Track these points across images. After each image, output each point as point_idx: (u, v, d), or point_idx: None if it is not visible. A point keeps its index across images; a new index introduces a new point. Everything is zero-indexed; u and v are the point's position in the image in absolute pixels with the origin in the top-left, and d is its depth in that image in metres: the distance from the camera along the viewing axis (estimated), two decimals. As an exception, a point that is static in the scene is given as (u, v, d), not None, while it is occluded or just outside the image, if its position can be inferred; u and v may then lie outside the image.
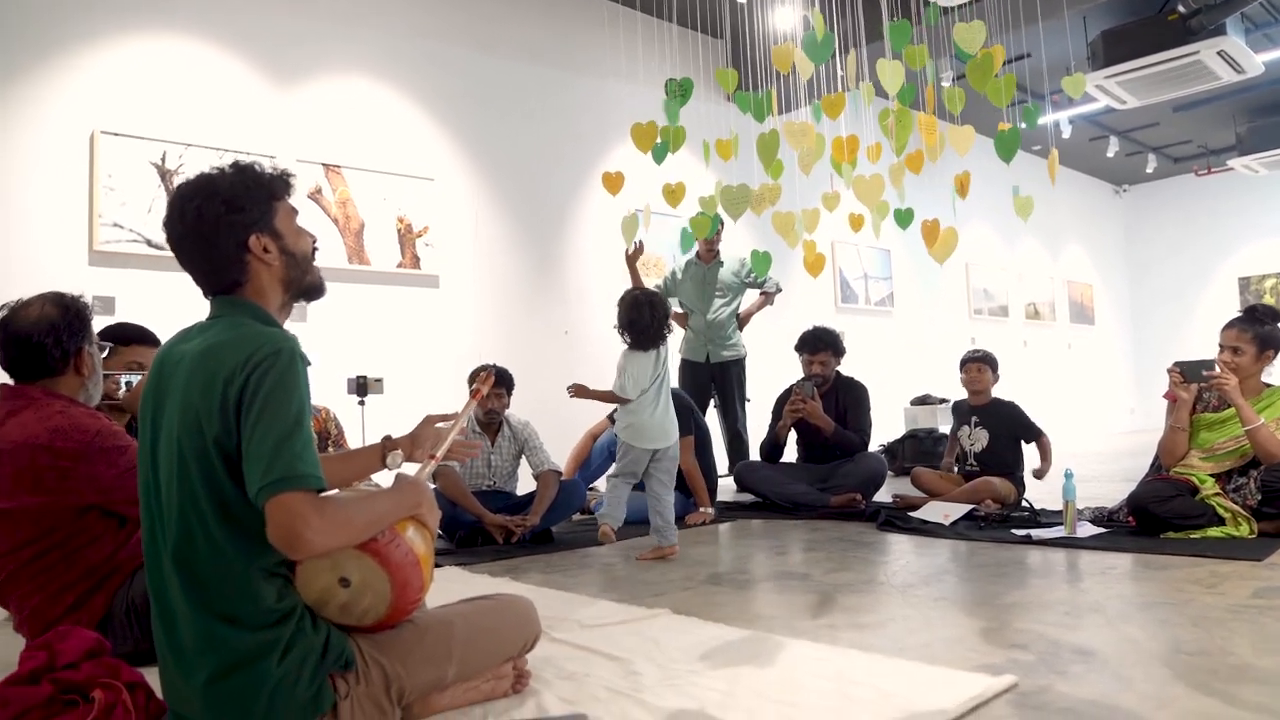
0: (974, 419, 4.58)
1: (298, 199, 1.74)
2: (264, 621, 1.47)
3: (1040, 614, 2.45)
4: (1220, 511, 3.44)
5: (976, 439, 4.54)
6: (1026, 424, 4.51)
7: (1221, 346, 3.64)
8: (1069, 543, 3.51)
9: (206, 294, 1.63)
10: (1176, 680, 1.85)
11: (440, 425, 1.97)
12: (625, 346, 3.76)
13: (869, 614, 2.54)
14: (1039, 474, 4.40)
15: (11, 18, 4.34)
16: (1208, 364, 3.59)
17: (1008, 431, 4.51)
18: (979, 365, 4.61)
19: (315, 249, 1.73)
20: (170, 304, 4.51)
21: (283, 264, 1.63)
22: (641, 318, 3.66)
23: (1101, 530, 3.70)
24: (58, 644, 1.73)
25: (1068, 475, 3.70)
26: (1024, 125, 4.02)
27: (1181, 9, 6.05)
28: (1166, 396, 3.79)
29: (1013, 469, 4.49)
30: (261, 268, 1.60)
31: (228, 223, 1.56)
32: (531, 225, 6.36)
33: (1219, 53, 6.19)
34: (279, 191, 1.65)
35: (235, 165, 1.62)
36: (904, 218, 4.19)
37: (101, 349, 2.44)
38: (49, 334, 2.23)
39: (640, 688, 1.88)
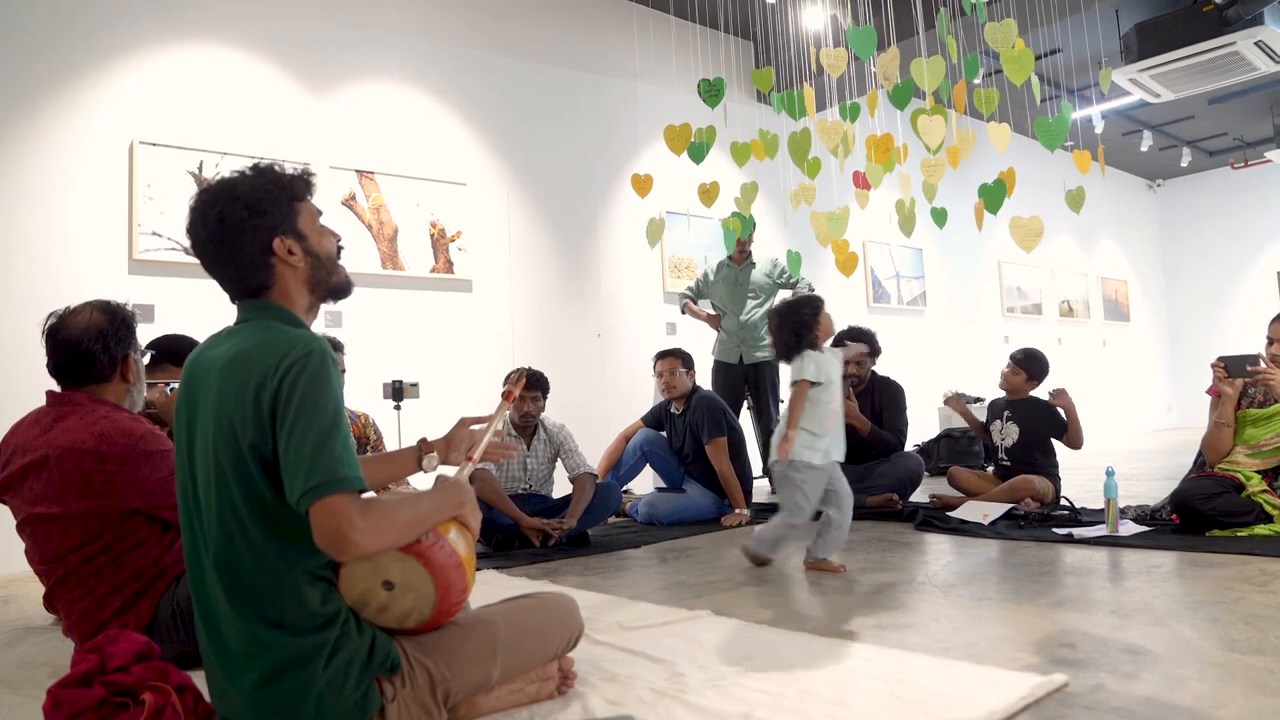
0: (1006, 413, 4.58)
1: (333, 205, 1.74)
2: (310, 625, 1.47)
3: (1086, 613, 2.41)
4: (1268, 509, 3.37)
5: (1007, 434, 4.53)
6: (1059, 421, 4.47)
7: (1270, 340, 3.57)
8: (1112, 541, 3.45)
9: (233, 299, 1.63)
10: (1232, 679, 1.81)
11: (475, 427, 1.97)
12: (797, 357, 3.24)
13: (912, 614, 2.52)
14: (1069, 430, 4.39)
15: (51, 30, 4.42)
16: (1252, 359, 3.52)
17: (1037, 427, 4.48)
18: (1012, 366, 4.62)
19: (340, 248, 1.72)
20: (208, 311, 4.58)
21: (308, 265, 1.62)
22: (785, 325, 3.23)
23: (1145, 529, 3.64)
24: (108, 647, 1.75)
25: (1109, 473, 3.64)
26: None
27: (1217, 0, 5.95)
28: (1210, 392, 3.72)
29: (1044, 467, 4.45)
30: (287, 270, 1.60)
31: (250, 226, 1.56)
32: (563, 228, 6.38)
33: (1257, 43, 6.07)
34: (300, 192, 1.64)
35: (255, 168, 1.61)
36: (939, 215, 4.16)
37: (144, 354, 2.48)
38: (97, 340, 2.27)
39: (685, 689, 1.87)
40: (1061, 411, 4.43)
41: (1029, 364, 4.59)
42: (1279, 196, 11.93)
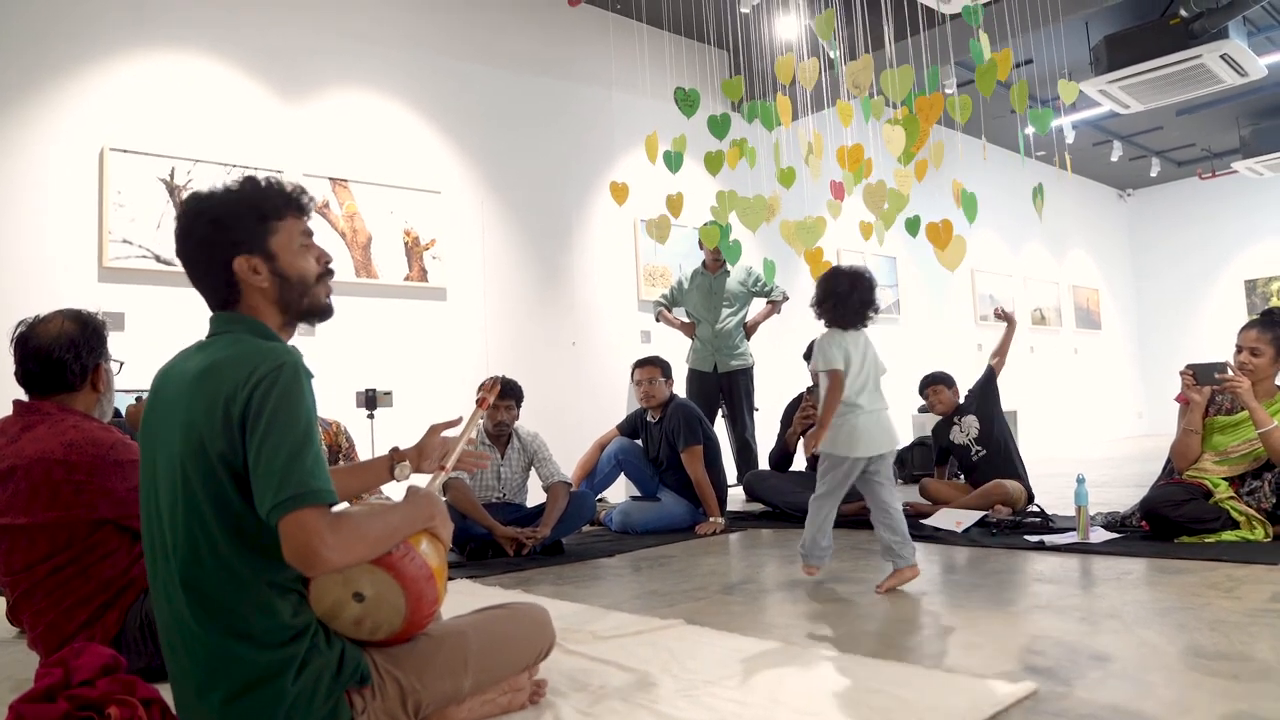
0: (954, 418, 4.71)
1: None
2: (279, 639, 1.46)
3: (1056, 620, 2.43)
4: (1235, 515, 3.43)
5: (968, 428, 4.62)
6: (990, 391, 4.69)
7: (1239, 348, 3.62)
8: (1082, 548, 3.49)
9: (211, 309, 1.62)
10: (1198, 686, 1.83)
11: (447, 435, 1.96)
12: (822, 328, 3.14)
13: (884, 622, 2.53)
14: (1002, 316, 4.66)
15: (22, 35, 4.37)
16: (1220, 366, 3.58)
17: (986, 399, 4.68)
18: (935, 388, 4.81)
19: (329, 270, 1.67)
20: (179, 319, 4.53)
21: (274, 285, 1.58)
22: (840, 286, 3.05)
23: (1115, 535, 3.68)
24: (73, 660, 1.72)
25: (1080, 480, 3.68)
26: (1035, 130, 4.04)
27: (1184, 13, 6.06)
28: (1179, 399, 3.78)
29: (1017, 465, 4.56)
30: (251, 288, 1.57)
31: (211, 243, 1.54)
32: (538, 236, 6.37)
33: (1222, 56, 6.20)
34: (281, 211, 1.60)
35: (242, 181, 1.59)
36: (912, 225, 4.20)
37: (117, 366, 2.45)
38: (69, 349, 2.24)
39: (657, 699, 1.87)
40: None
41: (948, 379, 4.83)
42: (1245, 206, 12.15)
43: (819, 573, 3.15)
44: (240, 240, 1.55)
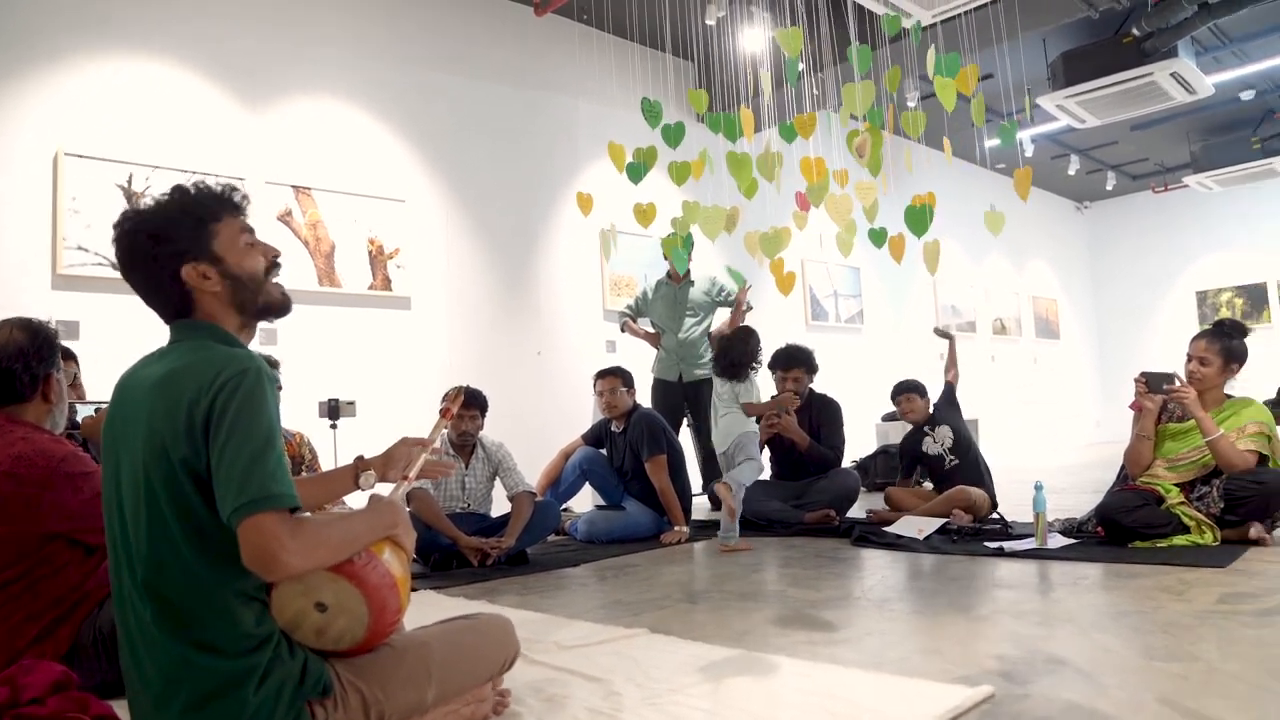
0: (925, 428, 4.77)
1: (269, 221, 1.71)
2: (242, 648, 1.45)
3: (1014, 625, 2.47)
4: (1185, 520, 3.50)
5: (942, 437, 4.66)
6: (952, 397, 4.85)
7: (1189, 357, 3.72)
8: (1040, 554, 3.55)
9: (165, 320, 1.60)
10: (1149, 686, 1.87)
11: (416, 447, 1.96)
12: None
13: (846, 629, 2.55)
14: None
15: (-27, 41, 4.29)
16: (1168, 377, 3.68)
17: (953, 413, 4.79)
18: (908, 395, 4.85)
19: (276, 264, 1.67)
20: (135, 328, 4.46)
21: (226, 288, 1.57)
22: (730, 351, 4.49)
23: (1072, 541, 3.75)
24: (22, 678, 1.69)
25: (1038, 487, 3.74)
26: (1000, 142, 4.12)
27: (1136, 32, 6.22)
28: (1132, 406, 3.86)
29: (984, 474, 4.64)
30: (204, 294, 1.56)
31: (154, 255, 1.53)
32: (503, 246, 6.36)
33: (1172, 74, 6.38)
34: (218, 213, 1.59)
35: (170, 191, 1.59)
36: (878, 236, 4.25)
37: (68, 375, 2.41)
38: (18, 359, 2.20)
39: (621, 708, 1.88)
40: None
41: (920, 387, 4.86)
42: (1197, 220, 12.46)
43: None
44: (183, 249, 1.54)
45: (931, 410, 4.84)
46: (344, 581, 1.48)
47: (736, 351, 4.46)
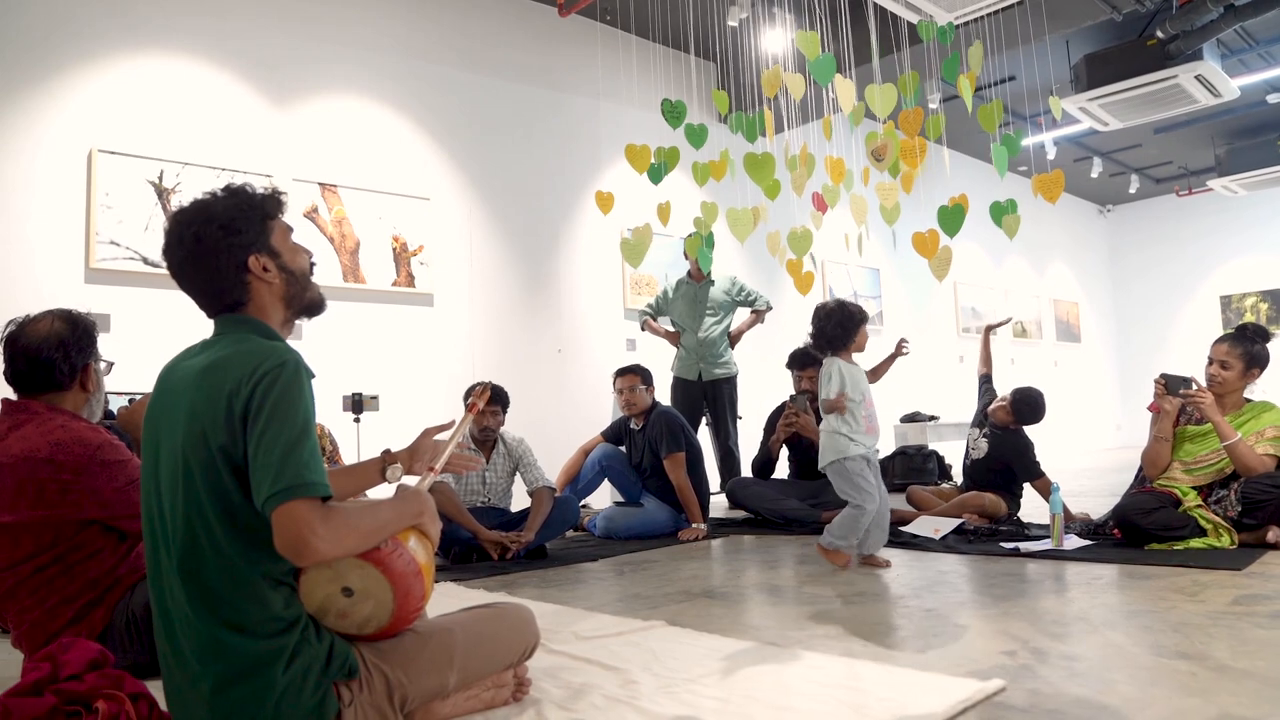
0: (985, 429, 4.68)
1: (295, 217, 1.78)
2: (271, 630, 1.50)
3: (1028, 623, 2.49)
4: (1202, 523, 3.51)
5: (979, 447, 4.65)
6: (1026, 462, 4.55)
7: (1211, 360, 3.72)
8: (1056, 555, 3.56)
9: (210, 315, 1.66)
10: (1158, 683, 1.90)
11: (438, 437, 2.01)
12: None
13: (861, 625, 2.58)
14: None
15: (11, 38, 4.39)
16: (1186, 381, 3.68)
17: (1005, 457, 4.58)
18: (1004, 405, 4.60)
19: (313, 265, 1.76)
20: (165, 321, 4.55)
21: (282, 281, 1.67)
22: (828, 324, 3.60)
23: (1088, 542, 3.76)
24: (61, 656, 1.74)
25: (1054, 489, 3.75)
26: (1008, 153, 4.10)
27: (1160, 34, 6.19)
28: (1151, 408, 3.87)
29: (1001, 486, 4.57)
30: (262, 286, 1.64)
31: (226, 245, 1.60)
32: (525, 244, 6.42)
33: (1196, 77, 6.34)
34: (272, 210, 1.68)
35: (228, 188, 1.66)
36: (950, 217, 4.15)
37: (106, 367, 2.48)
38: (58, 349, 2.27)
39: (638, 696, 1.92)
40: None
41: (1018, 408, 4.57)
42: (1221, 224, 12.35)
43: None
44: (251, 241, 1.62)
45: (1011, 429, 4.62)
46: (371, 568, 1.52)
47: (830, 322, 3.60)
